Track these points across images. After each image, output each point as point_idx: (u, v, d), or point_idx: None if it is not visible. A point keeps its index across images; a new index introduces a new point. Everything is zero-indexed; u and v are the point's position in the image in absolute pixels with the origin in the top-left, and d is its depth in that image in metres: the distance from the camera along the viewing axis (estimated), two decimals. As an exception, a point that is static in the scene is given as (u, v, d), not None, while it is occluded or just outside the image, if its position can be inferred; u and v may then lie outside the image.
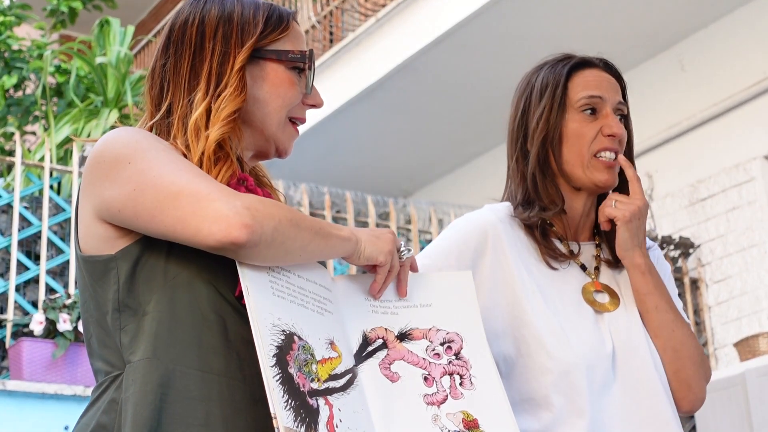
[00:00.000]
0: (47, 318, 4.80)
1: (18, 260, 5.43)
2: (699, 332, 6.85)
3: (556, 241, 1.91)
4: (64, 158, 6.65)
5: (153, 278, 1.41)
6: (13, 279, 5.25)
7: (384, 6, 8.00)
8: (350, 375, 1.44)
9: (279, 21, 1.55)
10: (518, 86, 1.98)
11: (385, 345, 1.50)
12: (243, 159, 1.55)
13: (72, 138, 6.62)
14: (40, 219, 5.60)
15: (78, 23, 8.53)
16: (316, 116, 7.93)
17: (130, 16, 12.29)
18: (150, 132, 1.51)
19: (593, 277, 1.90)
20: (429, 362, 1.52)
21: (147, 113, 1.55)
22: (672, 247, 6.81)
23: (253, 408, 1.38)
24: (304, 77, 1.57)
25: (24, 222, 5.63)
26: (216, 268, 1.41)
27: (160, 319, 1.40)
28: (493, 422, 1.50)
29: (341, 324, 1.48)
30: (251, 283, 1.36)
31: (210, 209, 1.34)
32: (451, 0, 7.14)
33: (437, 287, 1.60)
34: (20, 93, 7.84)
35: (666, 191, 7.32)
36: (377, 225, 6.70)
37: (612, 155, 1.89)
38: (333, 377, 1.40)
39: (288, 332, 1.37)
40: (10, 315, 5.13)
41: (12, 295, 5.19)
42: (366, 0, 8.28)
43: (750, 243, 6.74)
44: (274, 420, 1.29)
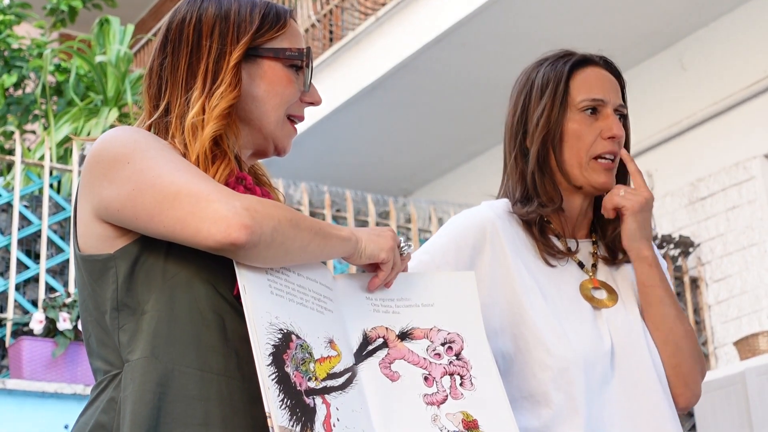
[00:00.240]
0: (47, 317, 4.80)
1: (18, 259, 5.43)
2: (699, 331, 6.85)
3: (554, 239, 1.91)
4: (64, 157, 6.65)
5: (152, 278, 1.41)
6: (13, 278, 5.25)
7: (384, 5, 8.00)
8: (349, 374, 1.43)
9: (276, 19, 1.55)
10: (517, 82, 1.97)
11: (386, 344, 1.50)
12: (241, 157, 1.55)
13: (71, 137, 6.62)
14: (40, 218, 5.60)
15: (78, 22, 8.52)
16: (316, 115, 7.93)
17: (130, 15, 12.29)
18: (149, 131, 1.51)
19: (591, 274, 1.90)
20: (429, 362, 1.52)
21: (145, 112, 1.55)
22: (672, 246, 6.81)
23: (252, 407, 1.38)
24: (302, 75, 1.57)
25: (24, 221, 5.63)
26: (215, 268, 1.41)
27: (159, 318, 1.39)
28: (493, 423, 1.50)
29: (341, 323, 1.48)
30: (248, 282, 1.36)
31: (209, 210, 1.34)
32: (451, -1, 7.14)
33: (439, 287, 1.60)
34: (20, 92, 7.83)
35: (666, 190, 7.32)
36: (377, 224, 6.70)
37: (611, 157, 1.90)
38: (331, 376, 1.40)
39: (285, 331, 1.36)
40: (10, 314, 5.12)
41: (12, 294, 5.19)
42: (366, -1, 8.29)
43: (750, 242, 6.74)
44: (269, 419, 1.29)
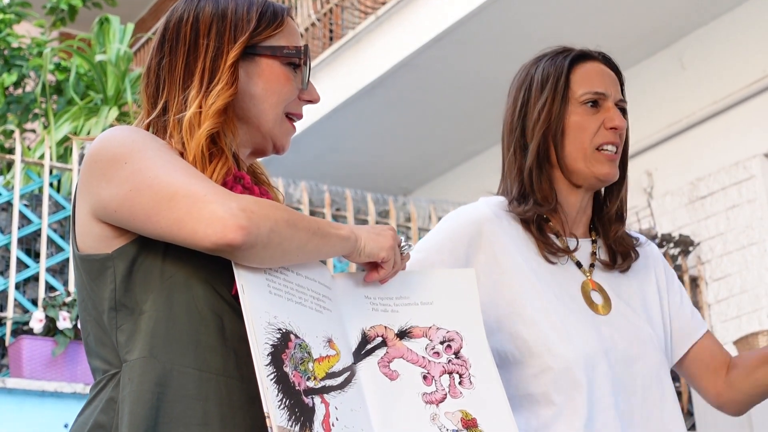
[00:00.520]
0: (47, 316, 4.80)
1: (18, 258, 5.43)
2: (699, 330, 6.84)
3: (553, 237, 1.89)
4: (64, 156, 6.65)
5: (150, 277, 1.41)
6: (13, 277, 5.25)
7: (384, 4, 7.99)
8: (348, 373, 1.43)
9: (273, 17, 1.55)
10: (516, 78, 1.96)
11: (385, 343, 1.50)
12: (239, 156, 1.54)
13: (71, 136, 6.62)
14: (40, 217, 5.60)
15: (78, 21, 8.52)
16: (316, 114, 7.93)
17: (130, 14, 12.29)
18: (147, 130, 1.51)
19: (588, 275, 1.89)
20: (428, 361, 1.51)
21: (144, 111, 1.55)
22: (672, 245, 6.81)
23: (251, 407, 1.38)
24: (300, 73, 1.56)
25: (24, 220, 5.63)
26: (213, 268, 1.41)
27: (157, 318, 1.39)
28: (492, 422, 1.50)
29: (340, 322, 1.48)
30: (247, 282, 1.36)
31: (205, 211, 1.33)
32: (451, -2, 7.14)
33: (439, 285, 1.59)
34: (20, 91, 7.83)
35: (666, 189, 7.32)
36: (377, 223, 6.70)
37: (614, 148, 1.88)
38: (330, 375, 1.40)
39: (284, 331, 1.36)
40: (10, 313, 5.12)
41: (12, 293, 5.19)
42: (366, -3, 8.28)
43: (750, 241, 6.74)
44: (268, 419, 1.28)
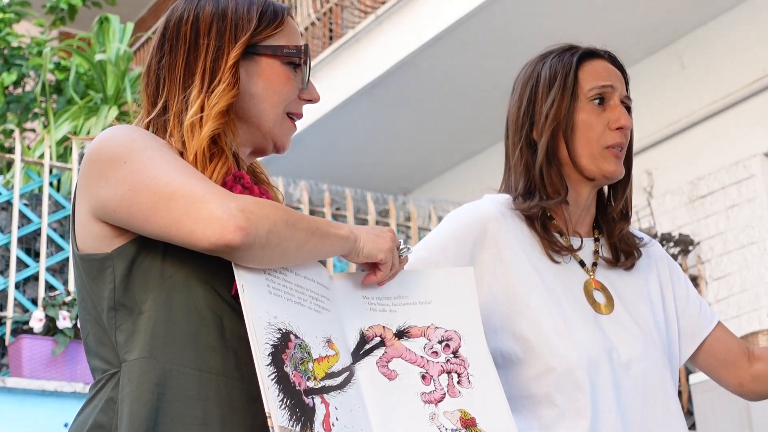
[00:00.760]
0: (47, 315, 4.80)
1: (18, 257, 5.43)
2: (699, 329, 6.84)
3: (556, 235, 1.88)
4: (64, 155, 6.65)
5: (149, 277, 1.41)
6: (13, 276, 5.25)
7: (383, 3, 7.99)
8: (347, 373, 1.43)
9: (273, 16, 1.55)
10: (521, 75, 1.95)
11: (383, 343, 1.50)
12: (239, 156, 1.54)
13: (71, 135, 6.62)
14: (40, 216, 5.60)
15: (77, 20, 8.52)
16: (316, 113, 7.93)
17: (130, 13, 12.29)
18: (147, 129, 1.51)
19: (591, 274, 1.88)
20: (427, 360, 1.51)
21: (143, 110, 1.55)
22: (671, 245, 6.81)
23: (251, 407, 1.38)
24: (300, 72, 1.56)
25: (23, 219, 5.63)
26: (212, 268, 1.41)
27: (157, 319, 1.39)
28: (491, 421, 1.50)
29: (339, 322, 1.48)
30: (246, 282, 1.36)
31: (204, 211, 1.33)
32: (451, -3, 7.14)
33: (437, 284, 1.59)
34: (20, 90, 7.83)
35: (666, 188, 7.32)
36: (377, 222, 6.70)
37: (620, 147, 1.88)
38: (330, 375, 1.40)
39: (284, 331, 1.36)
40: (10, 312, 5.13)
41: (12, 293, 5.19)
42: (366, -3, 8.28)
43: (750, 240, 6.74)
44: (269, 419, 1.28)
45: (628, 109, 1.93)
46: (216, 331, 1.40)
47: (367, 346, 1.48)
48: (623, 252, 1.92)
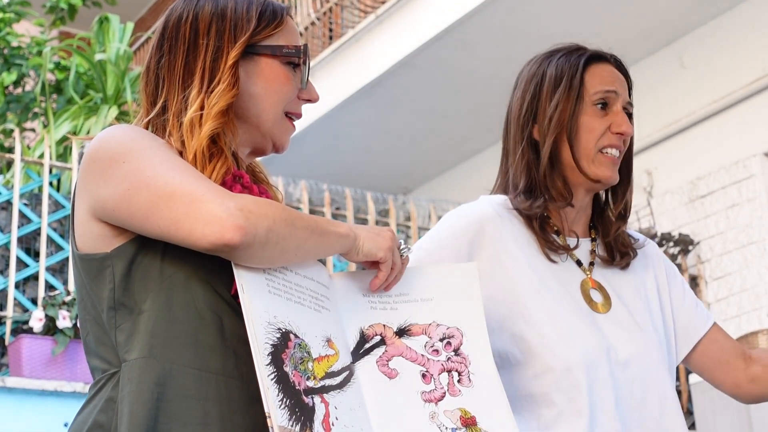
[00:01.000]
0: (47, 315, 4.81)
1: (17, 257, 5.43)
2: (699, 329, 6.84)
3: (553, 235, 1.88)
4: (64, 155, 6.65)
5: (149, 277, 1.41)
6: (13, 276, 5.25)
7: (383, 3, 7.99)
8: (347, 372, 1.43)
9: (273, 16, 1.54)
10: (526, 71, 1.95)
11: (383, 341, 1.50)
12: (239, 155, 1.54)
13: (71, 135, 6.62)
14: (40, 216, 5.60)
15: (77, 20, 8.52)
16: (316, 113, 7.93)
17: (130, 13, 12.29)
18: (146, 129, 1.51)
19: (588, 274, 1.89)
20: (427, 359, 1.51)
21: (143, 110, 1.55)
22: (671, 244, 6.81)
23: (251, 407, 1.38)
24: (299, 72, 1.56)
25: (23, 219, 5.63)
26: (212, 267, 1.40)
27: (157, 318, 1.39)
28: (491, 420, 1.50)
29: (338, 321, 1.47)
30: (246, 282, 1.36)
31: (203, 211, 1.33)
32: (451, -3, 7.14)
33: (439, 281, 1.58)
34: (20, 90, 7.83)
35: (665, 188, 7.32)
36: (377, 222, 6.70)
37: (616, 152, 1.89)
38: (329, 375, 1.40)
39: (284, 330, 1.36)
40: (10, 312, 5.13)
41: (11, 292, 5.20)
42: (366, -3, 8.28)
43: (749, 240, 6.74)
44: (269, 419, 1.28)
45: (630, 116, 1.93)
46: (216, 331, 1.40)
47: (367, 345, 1.48)
48: (619, 252, 1.92)
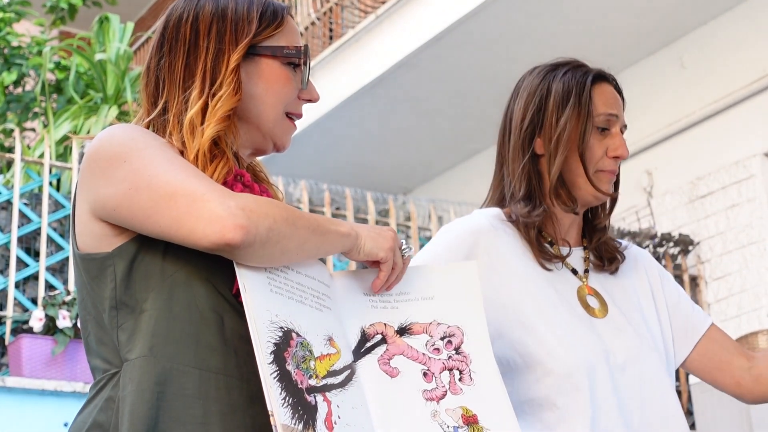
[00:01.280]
0: (47, 314, 4.81)
1: (17, 257, 5.43)
2: (698, 329, 6.84)
3: (546, 245, 1.92)
4: (64, 155, 6.65)
5: (150, 276, 1.40)
6: (13, 276, 5.25)
7: (383, 3, 7.99)
8: (349, 371, 1.43)
9: (273, 17, 1.54)
10: (528, 83, 1.97)
11: (384, 340, 1.50)
12: (240, 156, 1.54)
13: (71, 135, 6.62)
14: (40, 216, 5.60)
15: (77, 20, 8.52)
16: (316, 113, 7.93)
17: (130, 13, 12.29)
18: (147, 129, 1.51)
19: (584, 281, 1.92)
20: (428, 357, 1.51)
21: (143, 110, 1.54)
22: (671, 245, 6.81)
23: (251, 406, 1.38)
24: (300, 72, 1.56)
25: (23, 219, 5.63)
26: (213, 266, 1.40)
27: (158, 317, 1.39)
28: (493, 418, 1.50)
29: (340, 320, 1.48)
30: (248, 281, 1.36)
31: (204, 210, 1.33)
32: (451, -3, 7.14)
33: (440, 279, 1.59)
34: (20, 89, 7.83)
35: (665, 188, 7.32)
36: (377, 222, 6.70)
37: (612, 172, 1.95)
38: (331, 373, 1.40)
39: (286, 329, 1.36)
40: (10, 311, 5.13)
41: (11, 292, 5.20)
42: (366, -3, 8.28)
43: (749, 240, 6.74)
44: (272, 417, 1.28)
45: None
46: (216, 330, 1.40)
47: (369, 344, 1.48)
48: (606, 258, 1.97)
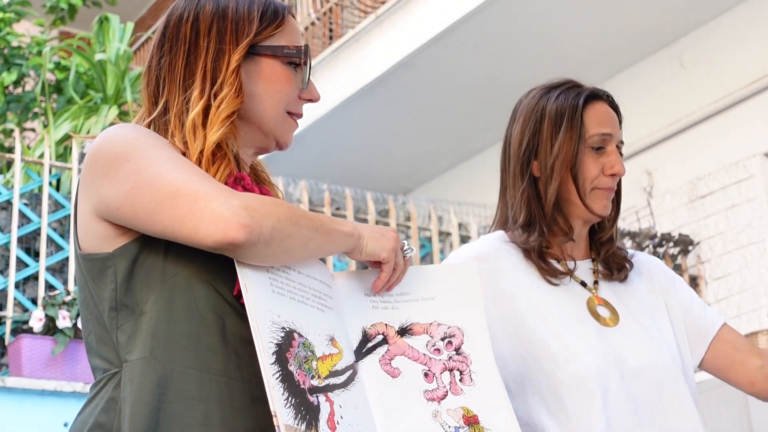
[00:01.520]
0: (47, 315, 4.81)
1: (17, 257, 5.43)
2: (698, 329, 6.84)
3: (554, 262, 1.95)
4: (64, 155, 6.65)
5: (151, 277, 1.40)
6: (13, 276, 5.25)
7: (383, 3, 7.99)
8: (351, 371, 1.43)
9: (274, 16, 1.54)
10: (524, 105, 2.00)
11: (386, 340, 1.50)
12: (241, 157, 1.54)
13: (71, 134, 6.62)
14: (40, 216, 5.60)
15: (77, 20, 8.53)
16: (316, 113, 7.93)
17: (130, 13, 12.29)
18: (148, 128, 1.50)
19: (594, 292, 1.95)
20: (429, 358, 1.51)
21: (144, 109, 1.54)
22: (671, 245, 6.81)
23: (252, 408, 1.38)
24: (300, 72, 1.56)
25: (23, 219, 5.63)
26: (214, 268, 1.40)
27: (158, 319, 1.39)
28: (493, 418, 1.50)
29: (341, 320, 1.48)
30: (250, 281, 1.36)
31: (207, 209, 1.33)
32: (451, -3, 7.14)
33: (441, 280, 1.59)
34: (20, 90, 7.83)
35: (665, 188, 7.32)
36: (377, 222, 6.70)
37: (610, 189, 1.97)
38: (334, 374, 1.40)
39: (288, 329, 1.36)
40: (10, 312, 5.13)
41: (11, 292, 5.19)
42: (365, -3, 8.28)
43: (749, 240, 6.74)
44: (275, 418, 1.28)
45: (620, 155, 2.00)
46: (217, 332, 1.40)
47: (370, 344, 1.48)
48: (615, 268, 2.00)
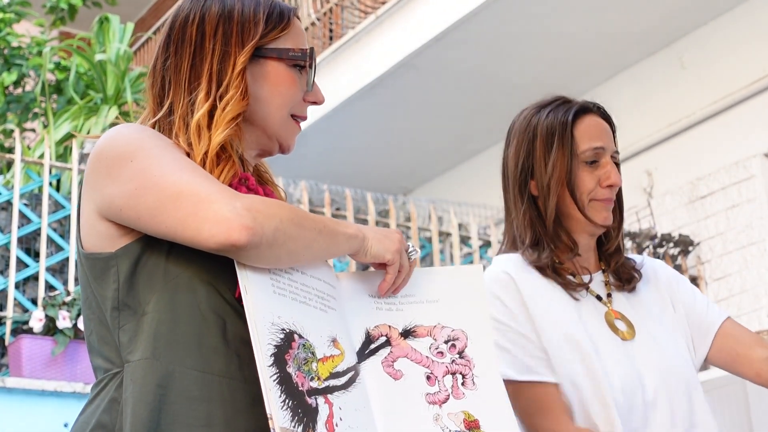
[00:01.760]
0: (47, 315, 4.80)
1: (17, 257, 5.43)
2: (698, 330, 6.84)
3: (569, 276, 1.98)
4: (64, 155, 6.65)
5: (153, 278, 1.40)
6: (13, 276, 5.25)
7: (384, 3, 7.99)
8: (352, 373, 1.43)
9: (280, 18, 1.54)
10: (517, 125, 2.02)
11: (389, 342, 1.49)
12: (245, 158, 1.54)
13: (74, 134, 6.62)
14: (40, 216, 5.60)
15: (77, 20, 8.53)
16: (316, 113, 7.92)
17: (130, 13, 12.29)
18: (153, 129, 1.50)
19: (609, 306, 1.98)
20: (432, 361, 1.51)
21: (149, 110, 1.54)
22: (671, 245, 6.81)
23: (254, 408, 1.37)
24: (305, 74, 1.55)
25: (23, 219, 5.63)
26: (216, 269, 1.40)
27: (160, 320, 1.39)
28: (495, 423, 1.50)
29: (344, 321, 1.47)
30: (250, 283, 1.35)
31: (210, 211, 1.33)
32: (451, -3, 7.13)
33: (445, 282, 1.58)
34: (20, 90, 7.83)
35: (665, 189, 7.32)
36: (377, 222, 6.70)
37: (608, 200, 1.99)
38: (334, 375, 1.39)
39: (288, 331, 1.36)
40: (10, 312, 5.12)
41: (11, 292, 5.19)
42: (366, -3, 8.28)
43: (749, 241, 6.74)
44: (271, 421, 1.28)
45: (617, 164, 2.02)
46: (219, 333, 1.40)
47: (373, 346, 1.48)
48: (624, 279, 2.03)
